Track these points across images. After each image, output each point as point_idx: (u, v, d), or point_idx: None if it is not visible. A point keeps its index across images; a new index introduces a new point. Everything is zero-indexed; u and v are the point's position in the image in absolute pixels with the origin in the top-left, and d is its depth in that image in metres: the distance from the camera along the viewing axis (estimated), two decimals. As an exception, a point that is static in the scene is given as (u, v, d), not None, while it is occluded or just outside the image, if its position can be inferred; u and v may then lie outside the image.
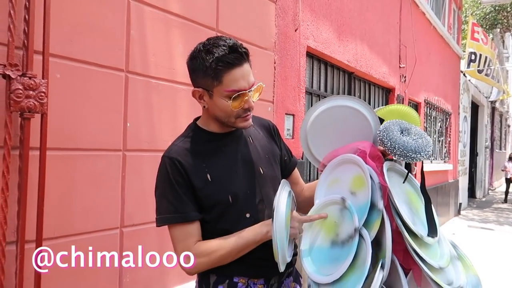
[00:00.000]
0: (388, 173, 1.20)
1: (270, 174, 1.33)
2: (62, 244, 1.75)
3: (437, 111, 7.93)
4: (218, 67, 1.15)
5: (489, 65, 9.76)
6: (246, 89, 1.18)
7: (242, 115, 1.21)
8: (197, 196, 1.21)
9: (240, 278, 1.25)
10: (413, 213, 1.19)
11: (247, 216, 1.25)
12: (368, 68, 4.80)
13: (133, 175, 2.06)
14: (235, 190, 1.24)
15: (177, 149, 1.24)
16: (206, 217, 1.23)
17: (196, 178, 1.20)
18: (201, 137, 1.28)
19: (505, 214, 9.93)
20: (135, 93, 2.07)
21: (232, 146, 1.29)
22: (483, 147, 13.55)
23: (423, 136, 1.23)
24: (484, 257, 5.86)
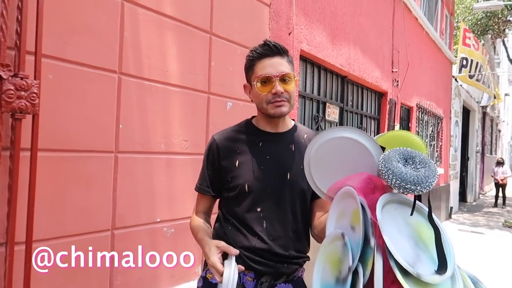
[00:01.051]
0: (390, 206, 1.13)
1: (298, 185, 1.37)
2: (53, 246, 1.74)
3: (429, 116, 8.00)
4: (250, 57, 1.37)
5: (480, 71, 9.88)
6: (273, 74, 1.31)
7: (271, 100, 1.32)
8: (223, 175, 1.39)
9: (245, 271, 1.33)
10: (420, 247, 1.09)
11: (258, 210, 1.35)
12: (361, 72, 4.83)
13: (126, 177, 2.06)
14: (252, 182, 1.35)
15: (222, 133, 1.45)
16: (227, 195, 1.40)
17: (226, 160, 1.39)
18: (247, 129, 1.44)
19: (495, 218, 10.02)
20: (128, 94, 2.07)
21: (271, 145, 1.39)
22: (474, 152, 13.68)
23: (427, 165, 1.14)
24: (474, 261, 5.91)
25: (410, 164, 1.14)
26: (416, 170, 1.12)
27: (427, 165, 1.13)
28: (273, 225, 1.35)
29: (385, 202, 1.13)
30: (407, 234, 1.10)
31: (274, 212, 1.35)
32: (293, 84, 1.35)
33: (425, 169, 1.12)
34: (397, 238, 1.07)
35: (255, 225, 1.34)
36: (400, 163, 1.13)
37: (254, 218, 1.35)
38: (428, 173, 1.11)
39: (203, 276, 1.40)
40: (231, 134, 1.43)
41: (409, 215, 1.13)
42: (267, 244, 1.33)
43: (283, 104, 1.33)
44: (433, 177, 1.10)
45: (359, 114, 5.19)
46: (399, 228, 1.11)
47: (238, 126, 1.47)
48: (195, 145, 2.46)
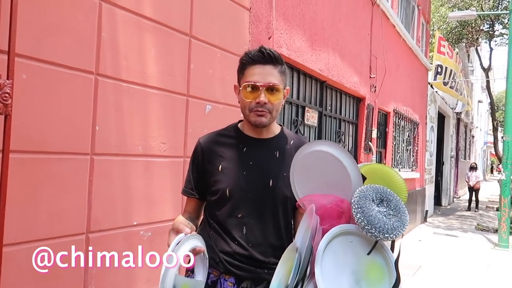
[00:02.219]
0: (347, 237, 1.10)
1: (279, 191, 1.36)
2: (24, 250, 1.69)
3: (405, 121, 8.17)
4: (243, 61, 1.36)
5: (453, 78, 10.17)
6: (259, 83, 1.30)
7: (254, 108, 1.32)
8: (207, 178, 1.40)
9: (213, 270, 1.35)
10: (360, 286, 1.06)
11: (238, 216, 1.35)
12: (340, 77, 4.91)
13: (102, 179, 2.03)
14: (234, 187, 1.35)
15: (208, 136, 1.46)
16: (211, 198, 1.41)
17: (210, 164, 1.40)
18: (232, 133, 1.44)
19: (468, 222, 10.31)
20: (105, 96, 2.04)
21: (255, 150, 1.40)
22: (448, 157, 14.04)
23: (400, 214, 1.10)
24: (448, 263, 6.06)
25: (384, 207, 1.10)
26: (387, 217, 1.08)
27: (400, 214, 1.10)
28: (252, 231, 1.35)
29: (341, 233, 1.10)
30: (351, 270, 1.07)
31: (254, 219, 1.35)
32: (279, 95, 1.33)
33: (396, 218, 1.08)
34: (336, 272, 1.05)
35: (235, 231, 1.35)
36: (375, 203, 1.10)
37: (234, 223, 1.35)
38: (397, 225, 1.07)
39: None
40: (216, 138, 1.44)
41: (363, 252, 1.09)
42: (246, 250, 1.33)
43: (263, 115, 1.33)
44: (401, 229, 1.07)
45: (338, 119, 5.27)
46: (346, 261, 1.08)
47: (224, 130, 1.47)
48: (174, 148, 2.45)
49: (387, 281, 1.06)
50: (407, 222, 1.09)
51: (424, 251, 6.72)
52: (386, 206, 1.10)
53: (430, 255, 6.45)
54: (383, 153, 6.97)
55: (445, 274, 5.39)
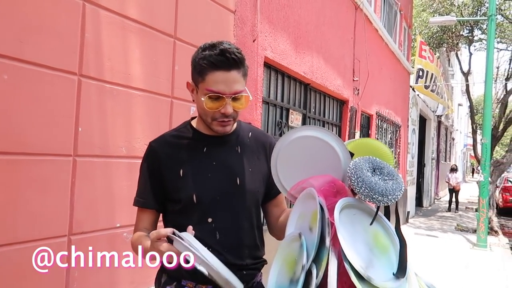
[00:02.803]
0: (350, 210, 1.14)
1: (246, 188, 1.30)
2: (4, 252, 1.67)
3: (387, 123, 8.31)
4: (203, 64, 1.20)
5: (434, 82, 10.38)
6: (225, 93, 1.19)
7: (218, 119, 1.23)
8: (166, 186, 1.26)
9: (187, 282, 1.25)
10: (374, 254, 1.11)
11: (209, 221, 1.25)
12: (324, 80, 4.97)
13: (84, 181, 2.01)
14: (201, 192, 1.25)
15: (162, 139, 1.32)
16: (173, 208, 1.28)
17: (168, 170, 1.26)
18: (188, 134, 1.32)
19: (448, 222, 10.52)
20: (88, 97, 2.03)
21: (215, 149, 1.30)
22: (429, 159, 14.31)
23: (395, 178, 1.15)
24: (429, 262, 6.18)
25: (378, 175, 1.15)
26: (384, 182, 1.13)
27: (395, 178, 1.15)
28: (226, 236, 1.27)
29: (345, 206, 1.14)
30: (363, 240, 1.11)
31: (227, 222, 1.26)
32: (243, 100, 1.24)
33: (393, 181, 1.13)
34: (353, 241, 1.08)
35: (208, 238, 1.23)
36: (369, 173, 1.14)
37: (205, 230, 1.24)
38: (395, 186, 1.12)
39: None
40: (171, 140, 1.30)
41: (366, 222, 1.13)
42: (222, 255, 1.23)
43: (229, 124, 1.26)
44: (399, 191, 1.12)
45: (322, 121, 5.32)
46: (356, 232, 1.11)
47: (177, 130, 1.34)
48: (158, 149, 2.44)
49: (392, 248, 1.12)
50: (403, 183, 1.16)
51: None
52: (379, 173, 1.16)
53: (411, 255, 6.53)
54: (366, 155, 7.06)
55: (426, 274, 5.49)
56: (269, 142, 1.41)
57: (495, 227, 9.36)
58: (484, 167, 7.80)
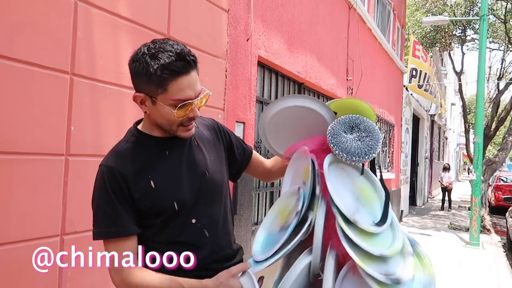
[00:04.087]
0: (338, 164, 1.22)
1: (215, 177, 1.29)
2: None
3: (381, 123, 8.34)
4: (164, 74, 1.08)
5: (428, 81, 10.45)
6: (193, 98, 1.13)
7: (186, 123, 1.17)
8: (139, 206, 1.15)
9: None
10: (360, 203, 1.18)
11: (193, 222, 1.21)
12: (317, 80, 4.98)
13: (77, 180, 2.00)
14: (180, 197, 1.19)
15: (116, 156, 1.17)
16: (151, 223, 1.17)
17: (138, 188, 1.14)
18: (143, 142, 1.21)
19: (441, 221, 10.60)
20: (80, 96, 2.01)
21: (177, 149, 1.23)
22: (423, 158, 14.40)
23: (371, 133, 1.20)
24: (422, 261, 6.20)
25: (356, 132, 1.21)
26: (361, 139, 1.20)
27: (371, 133, 1.20)
28: (213, 230, 1.25)
29: (333, 160, 1.22)
30: (350, 190, 1.20)
31: (209, 217, 1.25)
32: (204, 98, 1.19)
33: (369, 137, 1.20)
34: (341, 190, 1.16)
35: (198, 239, 1.21)
36: (347, 133, 1.21)
37: (193, 232, 1.21)
38: (371, 143, 1.19)
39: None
40: (129, 155, 1.17)
41: (355, 175, 1.22)
42: (216, 253, 1.24)
43: (193, 126, 1.21)
44: (376, 146, 1.19)
45: (315, 120, 5.33)
46: (344, 184, 1.20)
47: (129, 142, 1.21)
48: (151, 148, 2.43)
49: (377, 198, 1.19)
50: (379, 137, 1.21)
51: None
52: (357, 130, 1.22)
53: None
54: (360, 154, 7.09)
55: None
56: (215, 123, 1.43)
57: (488, 225, 9.44)
58: (476, 166, 7.87)
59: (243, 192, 3.22)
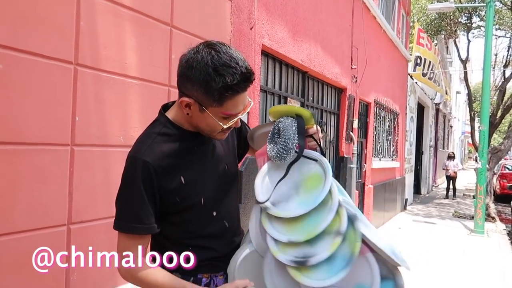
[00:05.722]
0: None
1: (232, 170, 1.34)
2: (2, 242, 1.68)
3: (386, 111, 8.30)
4: (226, 94, 1.07)
5: (432, 69, 10.36)
6: (241, 112, 1.15)
7: (225, 130, 1.19)
8: (168, 201, 1.15)
9: (203, 274, 1.27)
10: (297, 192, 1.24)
11: (214, 215, 1.25)
12: (321, 68, 4.94)
13: (82, 170, 2.01)
14: (207, 192, 1.22)
15: (152, 150, 1.14)
16: (176, 220, 1.19)
17: (168, 183, 1.14)
18: (175, 135, 1.19)
19: (446, 209, 10.60)
20: (84, 86, 2.02)
21: (204, 145, 1.25)
22: (427, 146, 14.35)
23: (282, 131, 1.26)
24: (426, 249, 6.23)
25: (278, 134, 1.27)
26: (277, 142, 1.26)
27: (282, 132, 1.26)
28: (232, 220, 1.32)
29: None
30: (293, 180, 1.26)
31: (227, 208, 1.30)
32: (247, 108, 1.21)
33: (281, 137, 1.25)
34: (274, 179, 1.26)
35: (218, 231, 1.26)
36: (274, 139, 1.28)
37: (215, 224, 1.26)
38: (285, 139, 1.24)
39: None
40: (161, 148, 1.16)
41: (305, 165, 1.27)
42: (234, 242, 1.30)
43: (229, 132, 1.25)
44: (291, 138, 1.24)
45: (320, 109, 5.32)
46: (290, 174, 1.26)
47: (160, 134, 1.18)
48: (155, 138, 2.44)
49: (321, 186, 1.21)
50: (292, 125, 1.26)
51: (403, 238, 6.89)
52: (277, 132, 1.28)
53: (409, 242, 6.62)
54: (364, 143, 7.08)
55: (424, 261, 5.56)
56: None
57: (492, 213, 9.44)
58: (481, 154, 7.83)
59: (247, 181, 3.23)
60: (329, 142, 5.70)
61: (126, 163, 1.15)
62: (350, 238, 1.13)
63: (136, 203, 1.11)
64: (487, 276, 5.06)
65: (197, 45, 1.12)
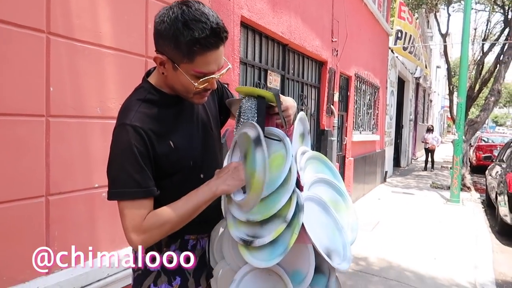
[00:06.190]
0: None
1: (218, 134, 1.38)
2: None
3: (366, 85, 8.37)
4: (194, 48, 1.06)
5: (412, 43, 10.42)
6: (215, 72, 1.14)
7: (202, 93, 1.19)
8: (161, 165, 1.16)
9: (190, 236, 1.31)
10: None
11: (202, 177, 1.26)
12: (302, 41, 4.92)
13: (59, 142, 1.99)
14: (195, 154, 1.25)
15: (139, 115, 1.14)
16: (167, 184, 1.20)
17: (160, 147, 1.15)
18: (161, 100, 1.20)
19: (424, 180, 10.90)
20: (58, 56, 1.97)
21: (190, 108, 1.27)
22: (407, 120, 14.59)
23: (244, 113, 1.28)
24: (405, 218, 6.44)
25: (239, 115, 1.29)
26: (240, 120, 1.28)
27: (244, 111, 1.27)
28: None
29: None
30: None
31: (212, 169, 1.27)
32: (224, 71, 1.19)
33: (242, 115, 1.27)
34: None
35: None
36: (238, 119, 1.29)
37: None
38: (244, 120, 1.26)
39: None
40: (149, 113, 1.16)
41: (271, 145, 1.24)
42: (219, 204, 1.31)
43: (208, 95, 1.24)
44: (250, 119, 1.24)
45: (300, 82, 5.33)
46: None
47: (146, 101, 1.19)
48: (134, 110, 2.42)
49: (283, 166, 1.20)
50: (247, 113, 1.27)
51: (382, 208, 7.09)
52: (239, 114, 1.29)
53: (388, 212, 6.83)
54: (345, 116, 7.15)
55: (401, 229, 5.75)
56: None
57: (468, 183, 9.75)
58: (458, 126, 8.03)
59: (228, 153, 3.25)
60: (310, 115, 5.74)
61: (115, 132, 1.14)
62: (293, 227, 1.14)
63: (132, 168, 1.10)
64: (462, 241, 5.29)
65: (172, 3, 1.12)
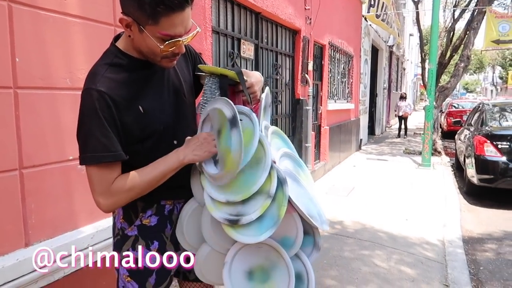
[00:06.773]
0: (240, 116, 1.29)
1: (192, 101, 1.37)
2: (-48, 187, 1.65)
3: (340, 54, 8.40)
4: (158, 8, 1.04)
5: (385, 11, 10.45)
6: (182, 35, 1.12)
7: (170, 57, 1.17)
8: (130, 130, 1.16)
9: (166, 201, 1.34)
10: None
11: (175, 143, 1.27)
12: (274, 9, 4.87)
13: (29, 114, 1.96)
14: (166, 119, 1.25)
15: (105, 80, 1.12)
16: (138, 149, 1.20)
17: (128, 113, 1.14)
18: (128, 64, 1.18)
19: (397, 147, 11.22)
20: (21, 25, 1.91)
21: (160, 73, 1.26)
22: (381, 88, 14.80)
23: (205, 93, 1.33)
24: (378, 183, 6.66)
25: None
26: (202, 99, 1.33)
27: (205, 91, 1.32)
28: None
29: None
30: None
31: (186, 136, 1.28)
32: (192, 34, 1.17)
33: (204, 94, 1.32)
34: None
35: None
36: None
37: None
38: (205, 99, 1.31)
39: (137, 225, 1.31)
40: (116, 78, 1.15)
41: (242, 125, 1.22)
42: (189, 170, 1.31)
43: (176, 59, 1.22)
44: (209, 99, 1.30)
45: (274, 52, 5.31)
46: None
47: (112, 65, 1.17)
48: (105, 80, 2.38)
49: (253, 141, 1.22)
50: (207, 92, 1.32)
51: (357, 175, 7.30)
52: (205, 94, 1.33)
53: (363, 178, 7.04)
54: (319, 85, 7.21)
55: (375, 193, 5.96)
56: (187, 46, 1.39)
57: (439, 148, 10.10)
58: (429, 92, 8.22)
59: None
60: (285, 84, 5.76)
61: (82, 97, 1.13)
62: (278, 200, 1.18)
63: (99, 132, 1.10)
64: (431, 202, 5.54)
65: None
